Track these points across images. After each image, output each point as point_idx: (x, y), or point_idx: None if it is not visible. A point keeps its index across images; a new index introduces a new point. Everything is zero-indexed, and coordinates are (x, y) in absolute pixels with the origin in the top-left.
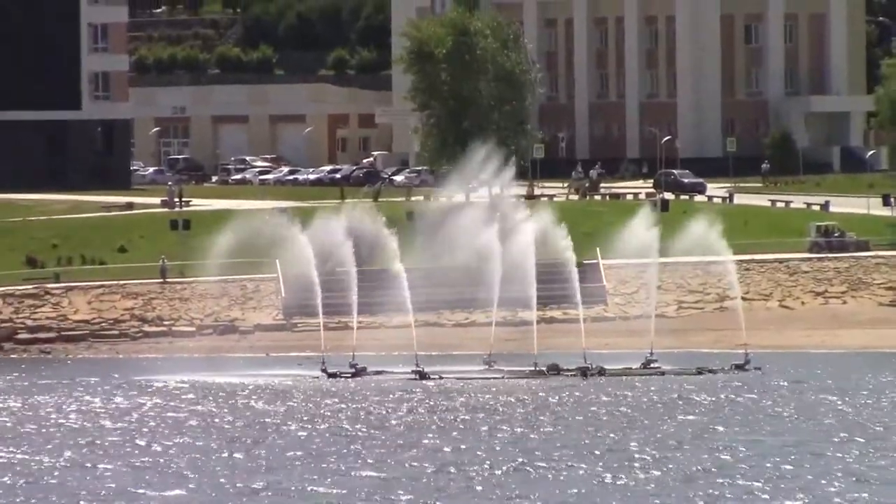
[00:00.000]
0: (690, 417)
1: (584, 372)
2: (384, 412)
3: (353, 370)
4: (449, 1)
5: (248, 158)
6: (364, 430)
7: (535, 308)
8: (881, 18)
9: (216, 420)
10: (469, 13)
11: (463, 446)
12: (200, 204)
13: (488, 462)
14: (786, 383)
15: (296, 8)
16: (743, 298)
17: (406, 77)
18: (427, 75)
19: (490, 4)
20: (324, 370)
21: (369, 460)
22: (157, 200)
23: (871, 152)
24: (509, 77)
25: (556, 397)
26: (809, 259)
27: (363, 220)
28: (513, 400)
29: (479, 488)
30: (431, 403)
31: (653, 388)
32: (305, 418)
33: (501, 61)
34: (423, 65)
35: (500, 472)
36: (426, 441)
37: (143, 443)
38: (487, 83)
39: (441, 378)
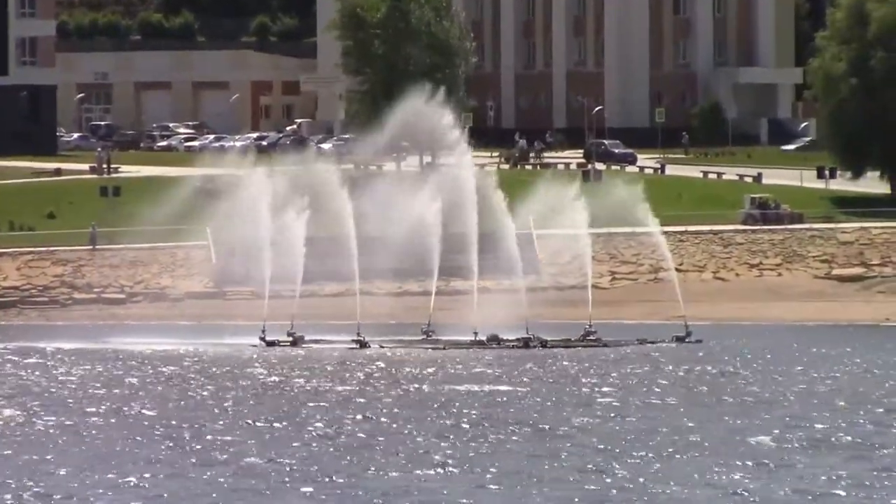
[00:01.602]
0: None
1: (526, 343)
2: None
3: (291, 339)
4: None
5: (171, 125)
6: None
7: (475, 278)
8: None
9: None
10: None
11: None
12: (128, 171)
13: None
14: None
15: None
16: (677, 270)
17: (332, 45)
18: (360, 42)
19: None
20: (262, 338)
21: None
22: (84, 167)
23: (804, 124)
24: (443, 46)
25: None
26: (744, 231)
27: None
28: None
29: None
30: (373, 372)
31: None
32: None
33: (435, 30)
34: (355, 31)
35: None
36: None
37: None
38: (420, 51)
39: (382, 347)
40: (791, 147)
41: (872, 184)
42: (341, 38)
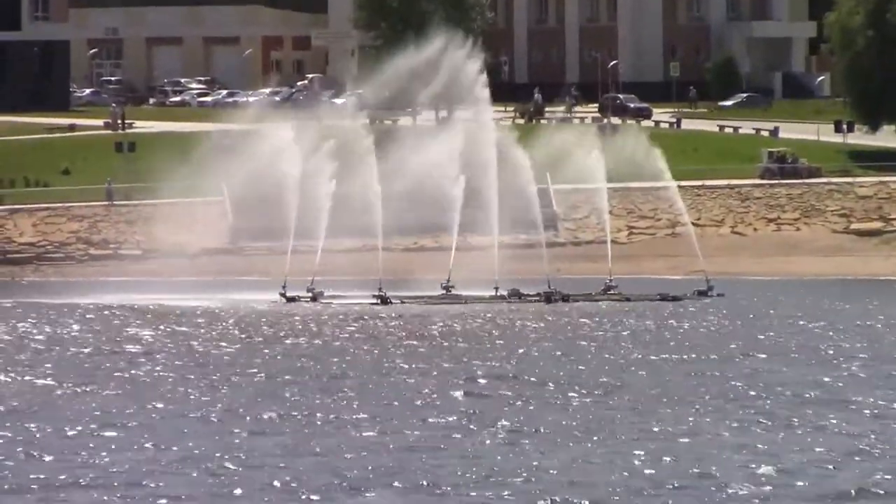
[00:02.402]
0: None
1: (548, 297)
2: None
3: (311, 294)
4: None
5: (182, 80)
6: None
7: (496, 233)
8: None
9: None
10: None
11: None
12: (142, 126)
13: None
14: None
15: None
16: (695, 224)
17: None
18: None
19: None
20: (282, 294)
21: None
22: (98, 122)
23: (821, 78)
24: (458, 0)
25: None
26: (761, 185)
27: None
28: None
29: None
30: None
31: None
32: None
33: None
34: None
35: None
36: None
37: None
38: (436, 5)
39: (403, 303)
40: (728, 103)
41: (890, 137)
42: None
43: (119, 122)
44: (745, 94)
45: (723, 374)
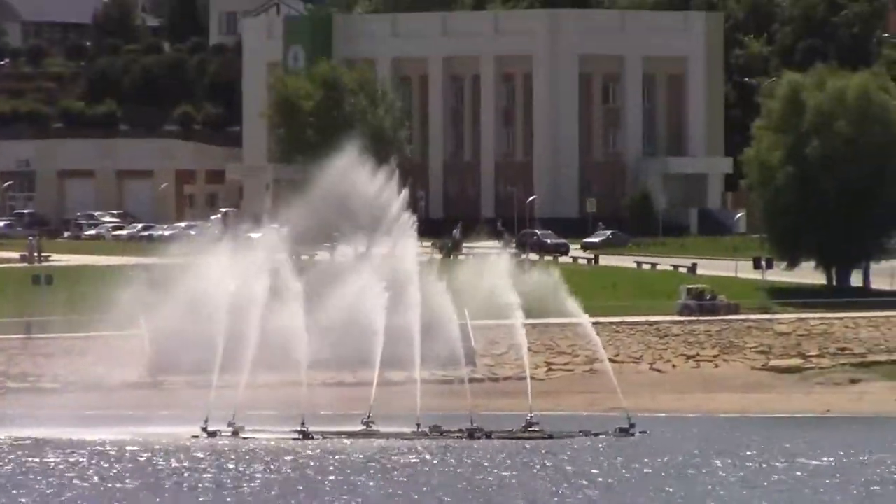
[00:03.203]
0: None
1: (471, 434)
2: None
3: (231, 429)
4: (301, 56)
5: (95, 214)
6: None
7: (418, 367)
8: (746, 79)
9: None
10: (336, 68)
11: None
12: (59, 259)
13: None
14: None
15: (140, 62)
16: (613, 361)
17: (258, 133)
18: (293, 130)
19: (343, 61)
20: (203, 428)
21: None
22: (13, 255)
23: (739, 215)
24: (378, 135)
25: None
26: (680, 322)
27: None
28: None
29: None
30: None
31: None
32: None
33: (370, 118)
34: (288, 119)
35: None
36: None
37: None
38: (355, 139)
39: (324, 438)
40: (595, 240)
41: (808, 274)
42: (274, 126)
43: (36, 254)
44: (609, 231)
45: None
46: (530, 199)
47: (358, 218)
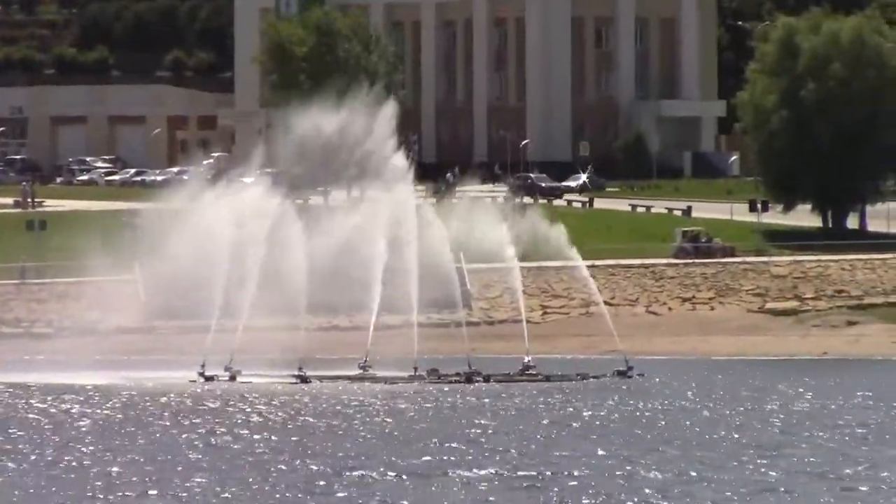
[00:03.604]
0: None
1: (468, 377)
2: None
3: (228, 373)
4: (293, 3)
5: (87, 159)
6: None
7: (416, 311)
8: (740, 23)
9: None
10: (330, 13)
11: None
12: (52, 205)
13: None
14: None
15: (132, 9)
16: (609, 304)
17: (250, 79)
18: (286, 76)
19: (335, 7)
20: (201, 373)
21: None
22: (7, 200)
23: (734, 158)
24: (372, 78)
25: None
26: (676, 265)
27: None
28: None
29: None
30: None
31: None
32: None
33: (364, 63)
34: (282, 65)
35: None
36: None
37: None
38: (349, 85)
39: (322, 382)
40: (571, 184)
41: (804, 217)
42: (266, 72)
43: (29, 200)
44: (584, 175)
45: None
46: (524, 142)
47: (352, 163)
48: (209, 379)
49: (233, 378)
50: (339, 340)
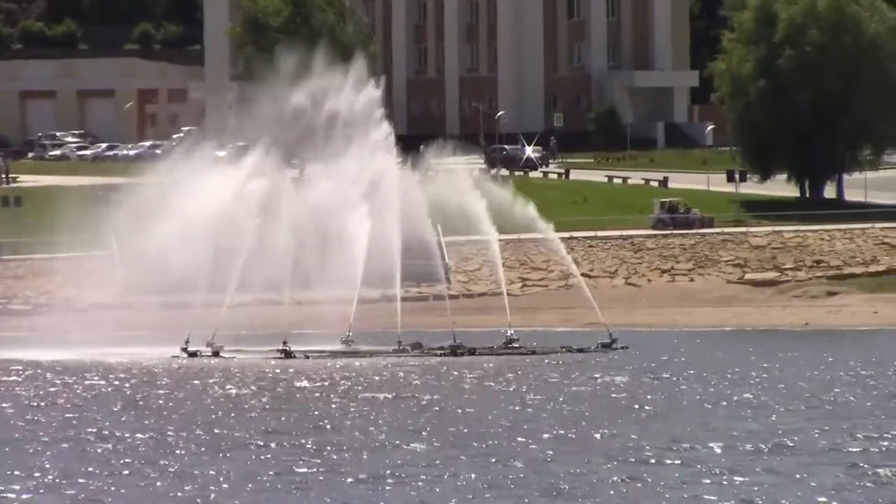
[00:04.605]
0: None
1: (454, 350)
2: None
3: (211, 349)
4: None
5: (57, 134)
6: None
7: (398, 285)
8: None
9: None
10: None
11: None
12: (26, 180)
13: None
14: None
15: None
16: (588, 276)
17: (221, 51)
18: (260, 47)
19: None
20: (184, 349)
21: None
22: None
23: (711, 127)
24: (346, 50)
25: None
26: (654, 236)
27: None
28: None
29: None
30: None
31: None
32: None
33: (338, 34)
34: (257, 36)
35: None
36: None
37: None
38: (323, 55)
39: (307, 357)
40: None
41: (780, 186)
42: (241, 43)
43: (3, 176)
44: (530, 149)
45: None
46: (499, 114)
47: (332, 135)
48: (192, 355)
49: (216, 354)
50: (315, 315)
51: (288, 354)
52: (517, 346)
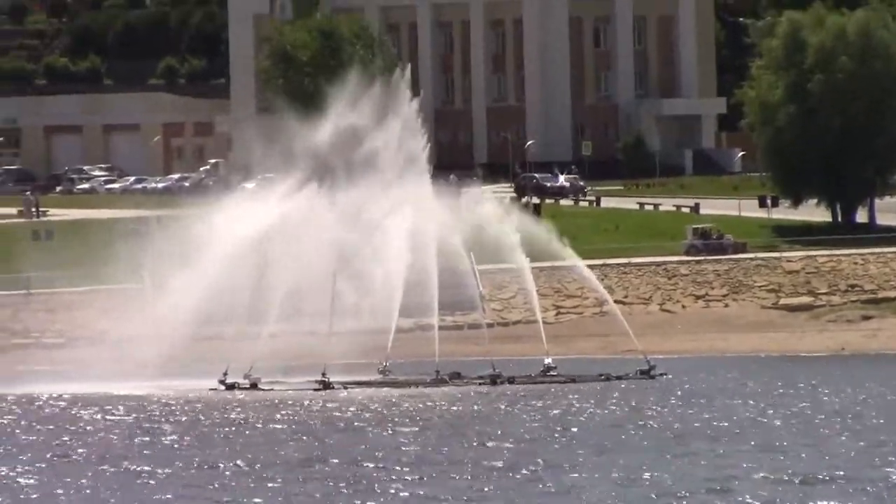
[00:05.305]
0: None
1: (493, 380)
2: None
3: (249, 381)
4: (288, 7)
5: (85, 168)
6: None
7: (435, 314)
8: (740, 19)
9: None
10: (332, 19)
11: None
12: (56, 214)
13: None
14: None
15: (123, 17)
16: (622, 303)
17: (246, 85)
18: (290, 81)
19: (330, 9)
20: (222, 381)
21: None
22: (10, 210)
23: (741, 154)
24: (375, 82)
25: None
26: (688, 262)
27: None
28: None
29: None
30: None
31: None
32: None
33: (368, 66)
34: (285, 70)
35: None
36: None
37: None
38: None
39: (346, 388)
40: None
41: (811, 211)
42: (270, 78)
43: (34, 209)
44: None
45: None
46: (528, 143)
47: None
48: (230, 387)
49: (254, 385)
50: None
51: (326, 385)
52: (555, 374)
